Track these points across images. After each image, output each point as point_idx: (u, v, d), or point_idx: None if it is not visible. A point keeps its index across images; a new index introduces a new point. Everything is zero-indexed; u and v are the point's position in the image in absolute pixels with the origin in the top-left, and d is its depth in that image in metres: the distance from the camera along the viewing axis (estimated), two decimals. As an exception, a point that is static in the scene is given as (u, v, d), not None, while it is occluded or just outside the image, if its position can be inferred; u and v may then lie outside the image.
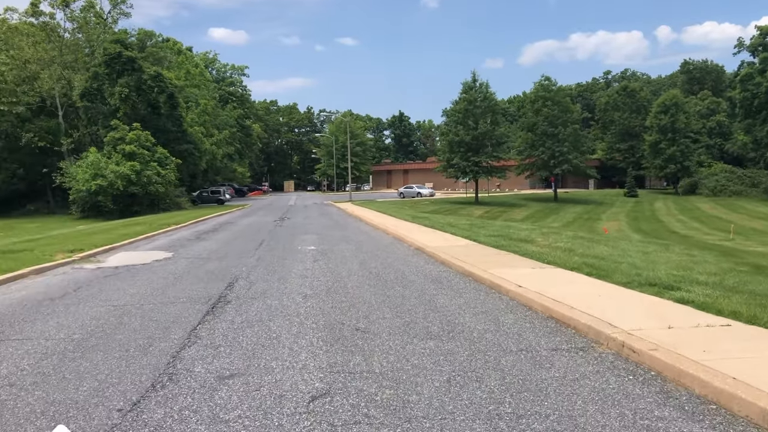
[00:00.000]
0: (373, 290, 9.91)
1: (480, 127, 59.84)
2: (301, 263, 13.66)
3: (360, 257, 14.59)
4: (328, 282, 10.87)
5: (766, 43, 68.22)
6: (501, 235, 17.92)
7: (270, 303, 8.97)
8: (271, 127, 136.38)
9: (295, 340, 6.76)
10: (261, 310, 8.48)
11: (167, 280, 11.65)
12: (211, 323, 7.73)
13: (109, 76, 51.38)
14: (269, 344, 6.62)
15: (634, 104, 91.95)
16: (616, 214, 53.55)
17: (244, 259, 14.71)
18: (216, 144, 64.58)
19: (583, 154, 71.16)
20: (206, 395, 5.04)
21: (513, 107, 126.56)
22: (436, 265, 12.90)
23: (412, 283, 10.61)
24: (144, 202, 47.73)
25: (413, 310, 8.23)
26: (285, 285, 10.65)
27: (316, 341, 6.69)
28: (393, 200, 63.82)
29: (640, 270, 10.15)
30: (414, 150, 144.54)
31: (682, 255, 12.47)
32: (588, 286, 9.16)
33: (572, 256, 12.33)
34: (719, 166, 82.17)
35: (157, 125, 52.50)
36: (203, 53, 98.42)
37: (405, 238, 18.65)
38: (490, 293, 9.45)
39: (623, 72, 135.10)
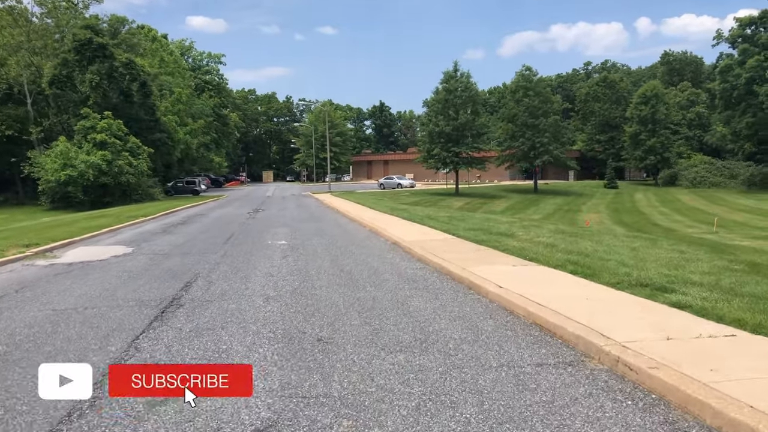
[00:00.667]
0: (343, 291, 9.12)
1: (460, 118, 59.16)
2: (269, 260, 12.83)
3: (332, 253, 13.78)
4: (295, 282, 10.06)
5: (746, 34, 68.18)
6: (481, 228, 17.21)
7: (227, 307, 8.14)
8: (249, 116, 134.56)
9: (246, 354, 5.95)
10: (215, 315, 7.66)
11: (120, 279, 10.76)
12: (156, 331, 6.89)
13: (80, 63, 49.86)
14: (216, 359, 5.81)
15: (614, 95, 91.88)
16: (596, 205, 53.26)
17: (209, 255, 13.84)
18: (190, 133, 63.08)
19: (564, 145, 70.88)
20: (129, 429, 4.23)
21: (493, 98, 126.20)
22: (413, 262, 12.14)
23: (386, 282, 9.84)
24: (116, 193, 46.47)
25: (384, 315, 7.46)
26: (247, 285, 9.82)
27: (271, 355, 5.89)
28: (373, 191, 63.00)
29: (629, 268, 9.47)
30: (395, 140, 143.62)
31: (672, 251, 11.83)
32: (574, 286, 8.45)
33: (555, 252, 11.64)
34: (698, 157, 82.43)
35: (129, 114, 51.09)
36: (179, 41, 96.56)
37: (382, 232, 17.88)
38: (468, 294, 8.71)
39: (603, 63, 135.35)
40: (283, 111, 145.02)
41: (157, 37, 78.05)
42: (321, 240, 16.64)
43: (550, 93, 70.50)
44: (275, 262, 12.51)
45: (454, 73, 62.02)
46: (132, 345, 6.33)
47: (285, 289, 9.35)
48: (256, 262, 12.57)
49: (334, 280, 10.16)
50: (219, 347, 6.19)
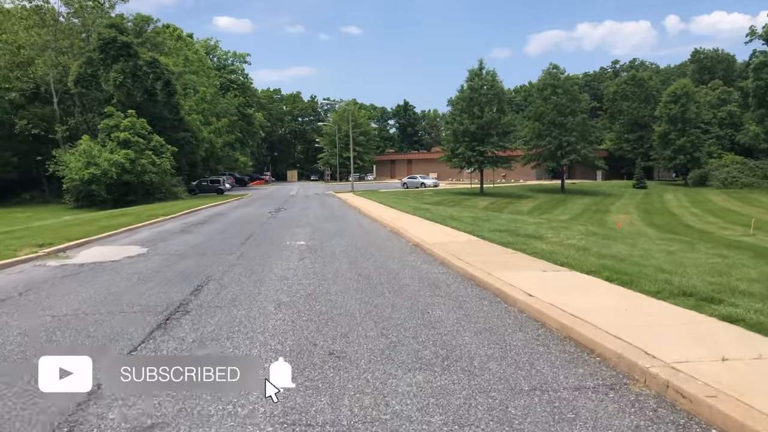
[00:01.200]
0: (360, 297, 8.54)
1: (485, 116, 58.18)
2: (286, 261, 12.31)
3: (351, 255, 13.23)
4: (311, 286, 9.51)
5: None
6: (507, 230, 16.51)
7: (235, 314, 7.61)
8: (274, 115, 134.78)
9: (249, 370, 5.40)
10: (222, 324, 7.13)
11: (130, 281, 10.31)
12: (157, 342, 6.38)
13: (104, 62, 49.94)
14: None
15: (643, 94, 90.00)
16: (625, 206, 52.01)
17: (225, 256, 13.37)
18: (214, 132, 63.02)
19: (591, 144, 69.47)
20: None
21: (519, 97, 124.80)
22: (435, 266, 11.53)
23: (406, 288, 9.24)
24: (139, 192, 46.43)
25: (403, 326, 6.86)
26: (260, 289, 9.29)
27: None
28: (396, 190, 62.38)
29: (669, 275, 8.75)
30: (419, 140, 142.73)
31: (713, 256, 11.07)
32: (610, 295, 7.77)
33: (588, 257, 10.94)
34: (730, 157, 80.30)
35: (153, 112, 51.11)
36: (204, 40, 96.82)
37: (403, 233, 17.28)
38: (494, 303, 8.08)
39: (631, 61, 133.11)
40: (307, 110, 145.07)
41: (182, 36, 78.28)
42: (340, 241, 16.09)
43: (577, 91, 69.14)
44: (292, 264, 11.99)
45: (479, 71, 61.09)
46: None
47: (299, 294, 8.81)
48: (272, 263, 12.06)
49: (351, 284, 9.59)
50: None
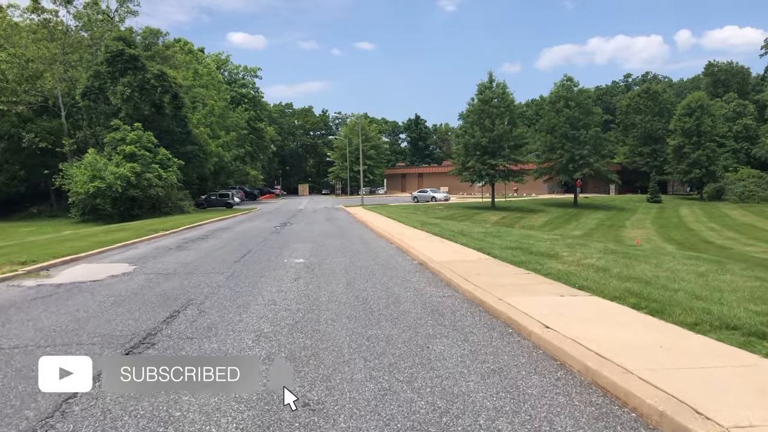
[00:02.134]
0: (352, 327, 7.53)
1: (497, 129, 57.15)
2: (279, 282, 11.33)
3: (351, 274, 12.22)
4: (299, 312, 8.51)
5: (799, 42, 64.82)
6: (519, 247, 15.44)
7: (206, 348, 6.62)
8: (285, 129, 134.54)
9: (201, 429, 4.39)
10: (187, 361, 6.13)
11: (102, 305, 9.35)
12: (101, 385, 5.38)
13: (112, 75, 49.51)
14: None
15: (657, 107, 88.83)
16: (641, 221, 50.68)
17: (215, 276, 12.40)
18: (223, 146, 62.38)
19: (604, 157, 68.25)
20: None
21: (530, 111, 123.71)
22: (440, 288, 10.49)
23: (405, 315, 8.22)
24: (145, 206, 45.75)
25: (397, 366, 5.83)
26: (242, 316, 8.30)
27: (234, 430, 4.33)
28: (406, 204, 61.40)
29: (706, 302, 7.68)
30: (430, 153, 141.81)
31: (749, 278, 9.95)
32: (640, 327, 6.71)
33: (609, 279, 9.86)
34: (746, 171, 78.70)
35: (160, 126, 50.57)
36: (215, 54, 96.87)
37: (409, 250, 16.27)
38: (506, 335, 7.03)
39: (644, 75, 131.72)
40: (319, 125, 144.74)
41: (192, 50, 78.15)
42: (342, 259, 15.09)
43: (591, 104, 67.98)
44: (284, 285, 11.00)
45: (489, 83, 60.11)
46: (59, 409, 4.81)
47: (284, 323, 7.80)
48: (263, 285, 11.08)
49: (346, 310, 8.58)
50: (168, 417, 4.63)
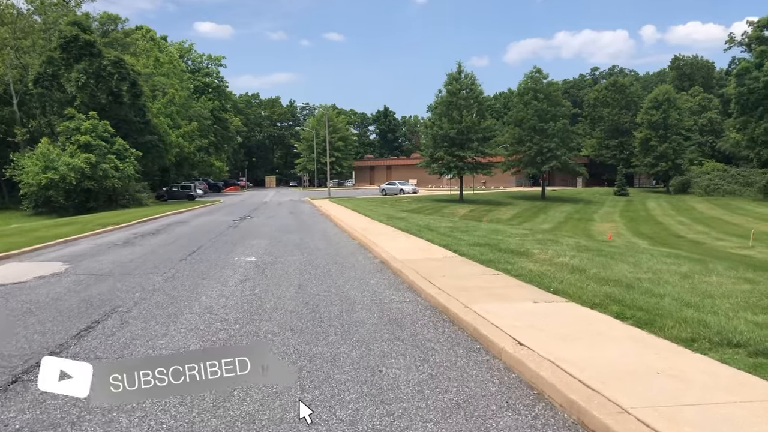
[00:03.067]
0: (295, 343, 6.45)
1: (465, 120, 56.39)
2: (222, 286, 10.18)
3: (305, 276, 11.13)
4: (237, 323, 7.41)
5: (763, 36, 65.30)
6: (488, 243, 14.49)
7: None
8: (252, 120, 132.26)
9: None
10: (83, 392, 5.00)
11: (12, 315, 8.12)
12: (-35, 430, 4.25)
13: (66, 61, 47.39)
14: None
15: (624, 100, 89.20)
16: (609, 214, 50.44)
17: (153, 277, 11.21)
18: (183, 136, 60.44)
19: (572, 150, 68.12)
20: None
21: (499, 104, 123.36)
22: (401, 291, 9.46)
23: (359, 326, 7.17)
24: (100, 198, 44.00)
25: (341, 398, 4.78)
26: (169, 328, 7.17)
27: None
28: (374, 197, 60.38)
29: (698, 311, 6.77)
30: (399, 146, 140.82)
31: (737, 280, 9.13)
32: (628, 344, 5.75)
33: (586, 281, 8.95)
34: (711, 164, 79.56)
35: (118, 115, 48.63)
36: (178, 42, 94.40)
37: (371, 246, 15.21)
38: (472, 353, 6.02)
39: (611, 68, 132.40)
40: (286, 116, 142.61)
41: (155, 38, 75.77)
42: (298, 256, 13.98)
43: (560, 96, 67.62)
44: (228, 288, 9.87)
45: (458, 74, 59.30)
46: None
47: (215, 338, 6.69)
48: (204, 288, 9.93)
49: (291, 320, 7.49)
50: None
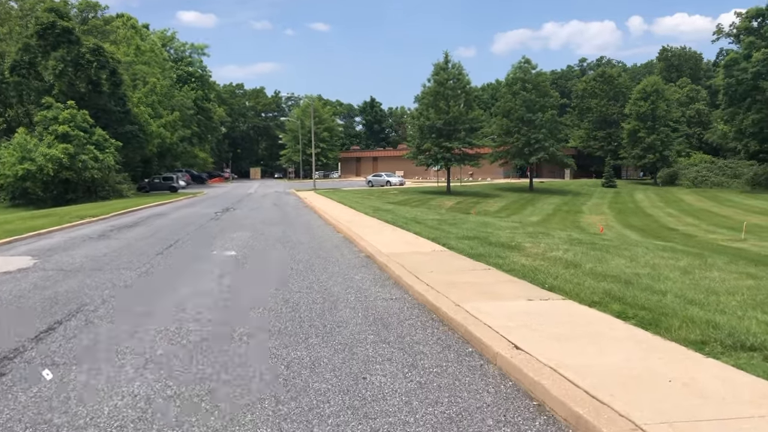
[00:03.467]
0: (272, 346, 5.92)
1: (452, 111, 55.86)
2: (198, 281, 9.63)
3: (287, 271, 10.60)
4: (211, 324, 6.87)
5: (752, 26, 65.24)
6: (477, 237, 14.02)
7: (68, 383, 4.93)
8: (236, 111, 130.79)
9: None
10: (28, 405, 4.44)
11: (-34, 315, 7.53)
12: None
13: (43, 49, 46.22)
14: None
15: (612, 91, 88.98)
16: (598, 206, 50.20)
17: (126, 272, 10.62)
18: (165, 126, 59.36)
19: (560, 142, 67.87)
20: None
21: (486, 95, 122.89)
22: (387, 288, 8.95)
23: (342, 327, 6.65)
24: (79, 189, 43.00)
25: (319, 411, 4.26)
26: (137, 329, 6.60)
27: None
28: (360, 189, 59.80)
29: (705, 311, 6.32)
30: (386, 137, 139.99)
31: (739, 275, 8.72)
32: (633, 347, 5.28)
33: (583, 277, 8.49)
34: (699, 156, 79.73)
35: (97, 104, 47.55)
36: (161, 31, 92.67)
37: (357, 240, 14.69)
38: (464, 357, 5.52)
39: (599, 59, 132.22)
40: (271, 106, 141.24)
41: (136, 26, 74.35)
42: (280, 251, 13.43)
43: (548, 87, 67.19)
44: (203, 285, 9.32)
45: (444, 64, 58.68)
46: None
47: (186, 341, 6.15)
48: (178, 285, 9.38)
49: (269, 321, 6.96)
50: None
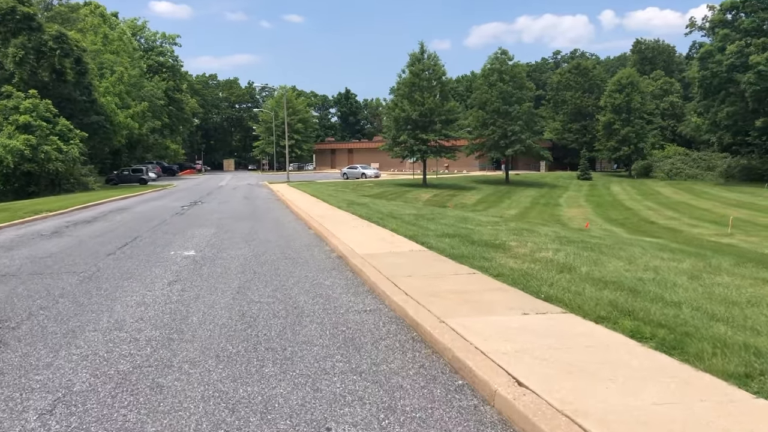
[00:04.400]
0: (216, 380, 4.84)
1: (427, 102, 54.86)
2: (147, 288, 8.49)
3: (247, 275, 9.49)
4: (149, 346, 5.76)
5: (726, 19, 65.17)
6: (458, 234, 13.01)
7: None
8: (209, 102, 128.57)
9: None
10: None
11: None
12: None
13: (3, 36, 44.24)
14: None
15: (587, 83, 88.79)
16: (574, 198, 49.66)
17: (67, 277, 9.44)
18: (133, 117, 57.48)
19: (536, 134, 67.35)
20: None
21: (461, 87, 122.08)
22: (361, 296, 7.90)
23: (306, 349, 5.59)
24: (42, 182, 41.21)
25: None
26: (58, 355, 5.48)
27: None
28: (335, 181, 58.58)
29: (732, 327, 5.38)
30: (361, 129, 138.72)
31: (755, 281, 7.80)
32: (663, 382, 4.30)
33: (582, 284, 7.51)
34: (673, 148, 79.86)
35: (61, 94, 45.74)
36: (131, 19, 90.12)
37: (329, 237, 13.60)
38: (453, 395, 4.50)
39: (572, 52, 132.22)
40: (245, 97, 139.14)
41: (104, 14, 72.03)
42: (243, 250, 12.30)
43: (524, 79, 66.49)
44: (152, 293, 8.18)
45: (420, 55, 57.62)
46: None
47: (114, 371, 5.04)
48: (123, 292, 8.23)
49: (218, 342, 5.87)
50: None
